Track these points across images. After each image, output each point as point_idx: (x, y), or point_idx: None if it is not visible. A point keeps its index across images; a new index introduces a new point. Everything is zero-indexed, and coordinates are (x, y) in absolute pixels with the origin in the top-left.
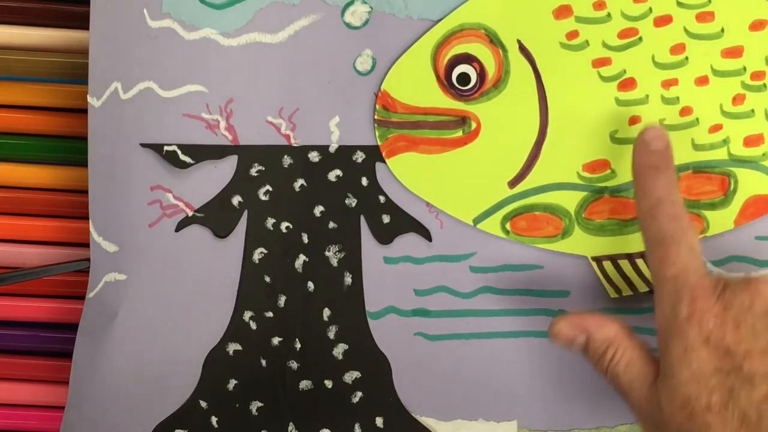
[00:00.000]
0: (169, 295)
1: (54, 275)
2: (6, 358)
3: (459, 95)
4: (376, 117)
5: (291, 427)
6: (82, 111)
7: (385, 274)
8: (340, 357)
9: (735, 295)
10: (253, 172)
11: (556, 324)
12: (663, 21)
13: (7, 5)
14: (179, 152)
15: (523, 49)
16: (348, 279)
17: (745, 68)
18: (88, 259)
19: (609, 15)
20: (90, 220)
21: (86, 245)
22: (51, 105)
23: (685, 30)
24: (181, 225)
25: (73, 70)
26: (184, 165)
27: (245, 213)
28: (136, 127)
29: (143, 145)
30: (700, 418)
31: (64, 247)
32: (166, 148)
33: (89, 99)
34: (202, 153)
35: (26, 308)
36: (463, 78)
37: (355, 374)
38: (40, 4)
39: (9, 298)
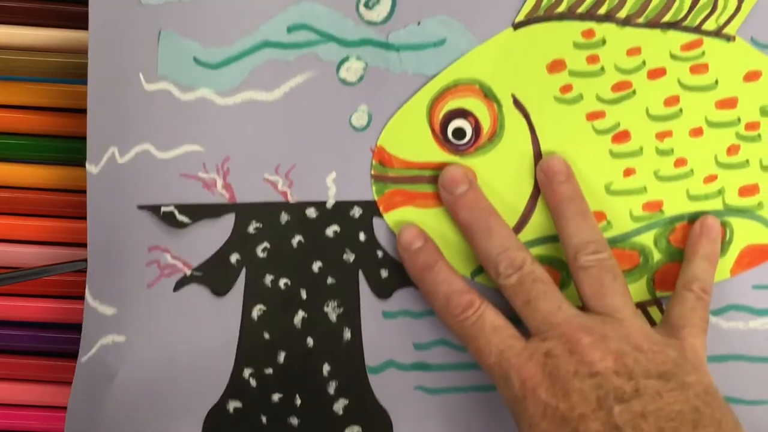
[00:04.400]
0: (168, 353)
1: (53, 275)
2: (6, 358)
3: (455, 149)
4: (372, 172)
5: None
6: (82, 111)
7: (384, 328)
8: (341, 412)
9: (558, 364)
10: (251, 229)
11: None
12: (657, 73)
13: (7, 5)
14: (176, 212)
15: (517, 103)
16: (347, 334)
17: (739, 119)
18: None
19: (602, 69)
20: (86, 285)
21: (86, 245)
22: (51, 105)
23: (679, 82)
24: (180, 284)
25: (73, 70)
26: (181, 225)
27: (243, 270)
28: (133, 189)
29: (140, 207)
30: None
31: (63, 247)
32: (163, 209)
33: (87, 167)
34: (199, 212)
35: (26, 308)
36: (459, 132)
37: (356, 429)
38: (40, 4)
39: (9, 298)
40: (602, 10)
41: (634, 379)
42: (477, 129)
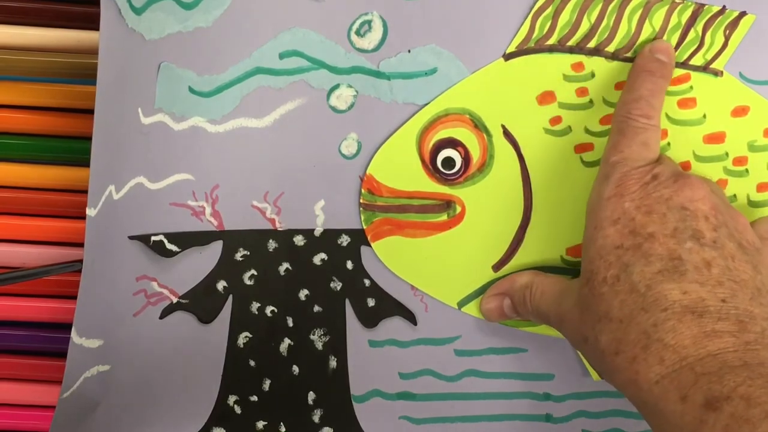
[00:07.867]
0: (153, 381)
1: (53, 275)
2: (6, 358)
3: (444, 179)
4: (361, 201)
5: None
6: (82, 111)
7: (370, 357)
8: None
9: (658, 188)
10: (238, 257)
11: (482, 305)
12: None
13: (7, 5)
14: (166, 241)
15: (507, 133)
16: (333, 362)
17: (727, 154)
18: None
19: (591, 101)
20: (73, 323)
21: None
22: (51, 105)
23: (667, 116)
24: (166, 312)
25: (73, 70)
26: (170, 254)
27: (230, 298)
28: (126, 222)
29: (131, 238)
30: (597, 290)
31: (63, 247)
32: (153, 238)
33: (87, 211)
34: (188, 240)
35: (26, 308)
36: (448, 162)
37: None
38: (40, 4)
39: (9, 298)
40: (592, 44)
41: (718, 232)
42: (467, 159)
